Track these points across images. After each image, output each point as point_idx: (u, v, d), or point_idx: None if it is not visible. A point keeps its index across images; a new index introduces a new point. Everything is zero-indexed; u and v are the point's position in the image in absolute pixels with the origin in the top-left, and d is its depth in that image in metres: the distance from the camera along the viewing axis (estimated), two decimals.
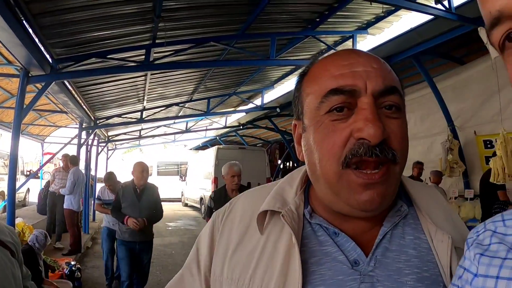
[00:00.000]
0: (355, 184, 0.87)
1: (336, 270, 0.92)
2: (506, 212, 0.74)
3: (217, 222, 1.12)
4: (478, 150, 9.35)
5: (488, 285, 0.65)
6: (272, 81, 13.70)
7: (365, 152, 0.85)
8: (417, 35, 7.76)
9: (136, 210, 6.05)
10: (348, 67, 0.91)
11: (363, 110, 0.87)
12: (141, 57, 7.88)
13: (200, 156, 21.43)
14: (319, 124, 0.92)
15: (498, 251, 0.68)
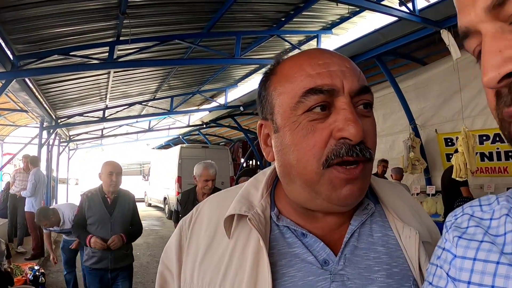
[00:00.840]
0: (338, 179, 0.88)
1: (306, 271, 0.93)
2: (483, 198, 0.77)
3: (184, 228, 1.11)
4: (439, 148, 9.59)
5: (465, 266, 0.68)
6: (236, 80, 13.68)
7: (347, 152, 0.86)
8: (381, 36, 7.90)
9: (106, 226, 4.65)
10: (324, 66, 0.91)
11: (342, 110, 0.87)
12: (104, 55, 7.74)
13: (163, 155, 21.23)
14: (296, 125, 0.91)
15: (475, 234, 0.71)
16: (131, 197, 5.06)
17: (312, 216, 0.99)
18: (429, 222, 1.13)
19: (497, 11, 0.53)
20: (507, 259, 0.63)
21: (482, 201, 0.77)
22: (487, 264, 0.65)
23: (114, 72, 10.01)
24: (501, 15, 0.53)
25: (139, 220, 5.21)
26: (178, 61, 10.03)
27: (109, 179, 4.70)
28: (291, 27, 8.91)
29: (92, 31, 7.31)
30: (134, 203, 5.09)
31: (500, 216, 0.71)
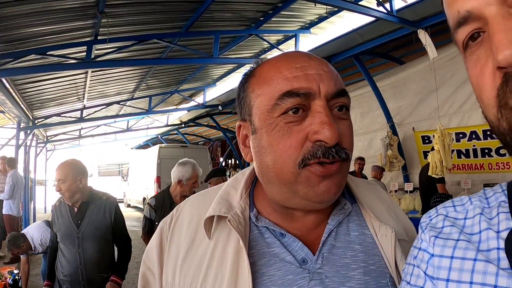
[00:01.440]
0: (315, 176, 0.90)
1: (285, 270, 0.95)
2: (456, 199, 0.80)
3: (165, 229, 1.12)
4: (417, 146, 9.72)
5: (443, 264, 0.71)
6: (214, 79, 13.65)
7: (323, 154, 0.88)
8: (359, 35, 7.98)
9: (74, 243, 3.66)
10: (301, 69, 0.93)
11: (318, 113, 0.89)
12: (82, 54, 7.66)
13: (142, 155, 21.06)
14: (272, 127, 0.92)
15: (451, 233, 0.73)
16: (109, 203, 3.83)
17: (291, 216, 1.02)
18: (405, 221, 1.17)
19: None
20: (484, 256, 0.65)
21: (455, 202, 0.80)
22: (464, 261, 0.67)
23: (91, 72, 9.91)
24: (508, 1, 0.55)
25: (126, 234, 4.05)
26: (156, 61, 9.95)
27: (57, 188, 3.65)
28: (270, 27, 8.92)
29: (70, 31, 7.22)
30: (114, 210, 3.84)
31: (474, 215, 0.73)
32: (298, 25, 9.11)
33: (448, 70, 7.99)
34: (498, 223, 0.68)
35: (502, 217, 0.68)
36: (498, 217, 0.68)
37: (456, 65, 7.74)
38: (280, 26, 9.04)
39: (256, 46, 10.30)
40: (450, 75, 8.04)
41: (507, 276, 0.61)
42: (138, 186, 19.57)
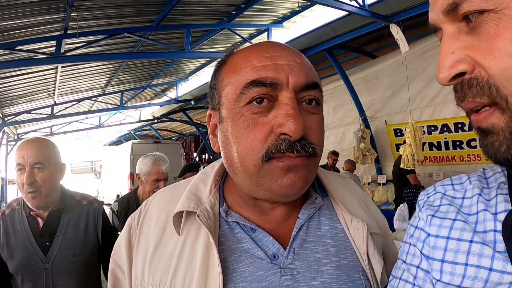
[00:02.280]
0: (278, 169, 0.88)
1: (256, 266, 0.93)
2: (455, 177, 0.81)
3: (133, 225, 1.09)
4: (389, 138, 9.83)
5: (439, 244, 0.72)
6: (187, 74, 13.56)
7: (287, 148, 0.86)
8: (331, 30, 8.01)
9: (37, 281, 2.15)
10: (271, 59, 0.91)
11: (284, 105, 0.87)
12: (51, 49, 7.51)
13: (114, 152, 20.81)
14: (238, 117, 0.91)
15: (448, 212, 0.74)
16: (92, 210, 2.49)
17: (261, 209, 1.00)
18: (378, 214, 1.17)
19: (452, 14, 0.59)
20: (480, 238, 0.66)
21: (454, 180, 0.80)
22: (460, 242, 0.68)
23: (62, 67, 9.76)
24: (457, 17, 0.58)
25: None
26: (127, 55, 9.84)
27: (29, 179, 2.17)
28: (242, 21, 8.89)
29: (39, 25, 7.08)
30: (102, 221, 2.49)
31: (472, 196, 0.73)
32: (271, 19, 9.10)
33: (420, 65, 8.10)
34: (496, 205, 0.68)
35: (500, 198, 0.68)
36: (496, 199, 0.69)
37: (428, 60, 7.84)
38: (253, 20, 9.02)
39: (229, 40, 10.25)
40: (422, 69, 8.14)
41: (503, 259, 0.61)
42: (112, 183, 19.32)
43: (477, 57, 0.57)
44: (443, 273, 0.69)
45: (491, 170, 0.76)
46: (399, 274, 0.80)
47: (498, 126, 0.58)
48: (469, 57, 0.58)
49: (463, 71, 0.58)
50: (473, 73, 0.58)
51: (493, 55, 0.55)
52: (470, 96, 0.59)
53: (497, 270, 0.62)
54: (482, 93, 0.57)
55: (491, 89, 0.56)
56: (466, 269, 0.65)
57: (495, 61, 0.55)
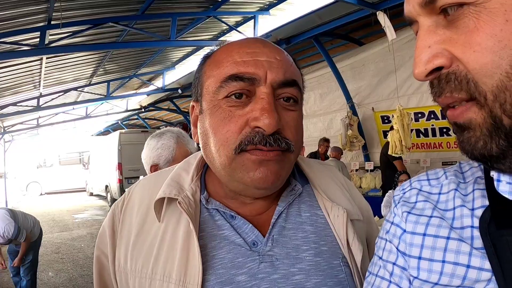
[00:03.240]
0: (250, 161, 0.90)
1: (235, 253, 0.96)
2: (431, 172, 0.80)
3: (117, 212, 1.11)
4: (376, 125, 9.90)
5: (415, 241, 0.70)
6: (173, 62, 13.46)
7: (259, 141, 0.89)
8: (318, 17, 7.98)
9: None
10: (252, 55, 0.93)
11: (260, 100, 0.90)
12: (35, 40, 7.41)
13: (102, 142, 20.73)
14: (216, 109, 0.93)
15: (424, 209, 0.73)
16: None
17: (241, 200, 1.03)
18: (361, 201, 1.20)
19: (430, 7, 0.57)
20: (457, 234, 0.65)
21: (430, 175, 0.79)
22: (437, 239, 0.67)
23: (47, 58, 9.62)
24: (434, 10, 0.57)
25: None
26: (113, 45, 9.70)
27: None
28: (228, 8, 8.80)
29: (22, 16, 6.95)
30: None
31: (448, 191, 0.73)
32: (257, 6, 9.02)
33: (407, 52, 8.14)
34: (473, 200, 0.67)
35: (477, 194, 0.67)
36: (473, 194, 0.68)
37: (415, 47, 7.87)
38: (239, 7, 8.94)
39: (215, 28, 10.16)
40: (409, 56, 8.18)
41: (481, 256, 0.61)
42: (100, 174, 19.29)
43: (456, 51, 0.55)
44: (420, 270, 0.68)
45: (467, 165, 0.75)
46: (375, 270, 0.79)
47: (475, 121, 0.57)
48: (447, 51, 0.56)
49: (441, 66, 0.57)
50: (450, 68, 0.57)
51: (472, 49, 0.53)
52: (448, 91, 0.58)
53: (474, 267, 0.61)
54: (460, 88, 0.56)
55: (469, 84, 0.55)
56: (443, 266, 0.65)
57: (475, 56, 0.53)
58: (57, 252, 9.67)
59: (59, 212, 16.51)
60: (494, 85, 0.53)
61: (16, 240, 5.55)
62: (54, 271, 8.13)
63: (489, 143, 0.56)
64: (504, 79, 0.52)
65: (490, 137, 0.55)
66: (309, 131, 10.76)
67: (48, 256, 9.14)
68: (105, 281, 1.11)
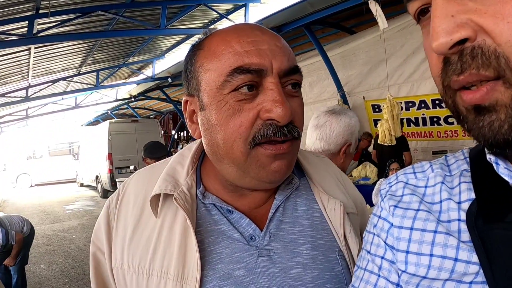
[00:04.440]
0: (265, 156, 0.89)
1: (233, 248, 0.95)
2: (417, 165, 0.79)
3: (112, 207, 1.08)
4: (367, 114, 9.92)
5: (403, 235, 0.70)
6: (163, 51, 13.43)
7: (274, 133, 0.87)
8: (309, 5, 7.96)
9: None
10: (253, 44, 0.89)
11: (271, 91, 0.87)
12: (23, 30, 7.33)
13: (92, 132, 20.63)
14: (222, 104, 0.89)
15: (411, 203, 0.72)
16: None
17: (240, 193, 1.01)
18: (355, 193, 1.21)
19: None
20: (444, 228, 0.65)
21: (416, 169, 0.78)
22: (424, 233, 0.67)
23: (35, 48, 9.58)
24: None
25: None
26: (102, 34, 9.64)
27: None
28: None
29: (9, 5, 6.88)
30: None
31: (435, 184, 0.72)
32: None
33: (398, 41, 8.16)
34: (460, 193, 0.67)
35: (463, 187, 0.67)
36: (460, 187, 0.67)
37: (406, 36, 7.90)
38: None
39: (205, 16, 10.13)
40: (400, 45, 8.21)
41: (468, 249, 0.61)
42: (90, 165, 19.21)
43: (484, 22, 0.50)
44: (408, 264, 0.68)
45: (453, 157, 0.75)
46: (364, 264, 0.79)
47: (501, 102, 0.51)
48: (473, 22, 0.51)
49: (466, 37, 0.51)
50: (476, 40, 0.51)
51: (506, 20, 0.48)
52: (474, 67, 0.51)
53: (462, 260, 0.61)
54: (488, 64, 0.50)
55: (499, 60, 0.49)
56: (431, 260, 0.65)
57: (509, 27, 0.48)
58: (48, 244, 9.63)
59: (50, 203, 16.43)
60: None
61: (7, 244, 5.50)
62: (46, 263, 8.09)
63: None
64: None
65: None
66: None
67: (40, 248, 9.09)
68: (102, 278, 1.09)
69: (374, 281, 0.75)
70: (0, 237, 5.30)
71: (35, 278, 7.09)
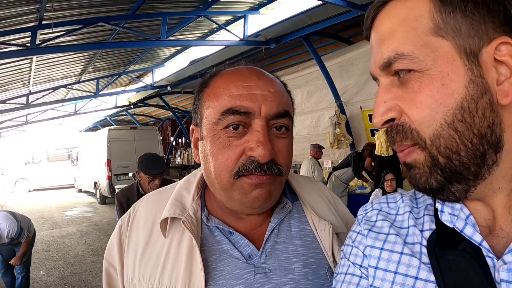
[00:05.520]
0: (247, 184, 1.01)
1: (233, 266, 1.06)
2: (390, 196, 0.94)
3: (123, 227, 1.20)
4: (364, 124, 9.99)
5: (374, 254, 0.83)
6: (163, 59, 13.49)
7: (255, 168, 0.99)
8: (307, 17, 8.09)
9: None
10: (247, 88, 1.02)
11: (256, 132, 0.99)
12: (26, 40, 7.41)
13: (91, 138, 20.57)
14: (216, 138, 1.03)
15: (382, 227, 0.86)
16: None
17: (237, 215, 1.13)
18: (347, 214, 1.31)
19: (387, 69, 0.72)
20: (409, 249, 0.78)
21: (389, 199, 0.92)
22: (392, 253, 0.80)
23: (37, 57, 9.65)
24: (390, 72, 0.72)
25: None
26: (103, 45, 9.73)
27: None
28: (218, 8, 8.88)
29: (13, 16, 6.98)
30: None
31: (404, 212, 0.86)
32: (247, 6, 9.09)
33: None
34: (423, 223, 0.81)
35: (426, 218, 0.81)
36: (424, 218, 0.81)
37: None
38: (229, 7, 9.01)
39: (205, 26, 10.21)
40: None
41: (427, 270, 0.73)
42: (89, 170, 19.14)
43: (404, 106, 0.70)
44: (376, 278, 0.80)
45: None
46: (344, 270, 0.90)
47: (419, 160, 0.71)
48: (398, 106, 0.71)
49: (393, 118, 0.72)
50: (400, 120, 0.71)
51: (415, 106, 0.68)
52: (398, 140, 0.72)
53: (422, 278, 0.74)
54: (406, 137, 0.71)
55: (412, 133, 0.70)
56: (395, 277, 0.77)
57: (417, 111, 0.68)
58: (47, 250, 9.64)
59: (48, 209, 16.38)
60: (431, 133, 0.68)
61: (17, 239, 5.62)
62: (45, 270, 8.11)
63: (429, 178, 0.71)
64: (438, 128, 0.67)
65: (430, 174, 0.70)
66: (296, 129, 10.32)
67: (39, 254, 9.09)
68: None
69: (357, 282, 0.86)
70: (14, 231, 5.43)
71: (35, 284, 7.10)
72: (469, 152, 0.67)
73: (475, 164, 0.67)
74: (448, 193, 0.71)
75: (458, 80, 0.65)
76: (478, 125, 0.65)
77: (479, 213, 0.73)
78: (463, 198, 0.72)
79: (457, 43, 0.66)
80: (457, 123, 0.66)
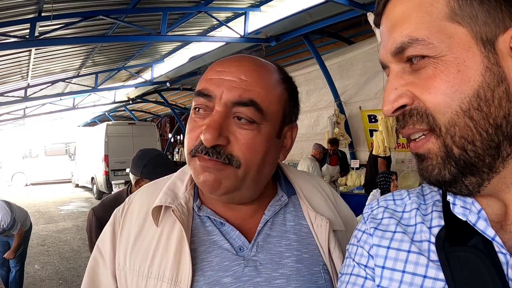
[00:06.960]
0: (197, 165, 1.01)
1: (223, 257, 1.06)
2: (396, 193, 0.91)
3: (118, 216, 1.19)
4: (363, 124, 9.99)
5: (380, 253, 0.81)
6: (162, 55, 13.44)
7: (201, 151, 0.99)
8: (308, 16, 8.07)
9: None
10: (219, 73, 1.03)
11: (211, 116, 0.99)
12: (25, 31, 7.36)
13: (89, 133, 20.54)
14: (190, 119, 1.06)
15: (389, 225, 0.83)
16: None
17: (228, 207, 1.13)
18: (347, 211, 1.29)
19: (399, 56, 0.70)
20: (417, 247, 0.76)
21: (395, 196, 0.90)
22: (399, 252, 0.78)
23: (35, 49, 9.61)
24: (402, 58, 0.69)
25: None
26: (103, 38, 9.67)
27: None
28: (219, 4, 8.83)
29: (12, 7, 6.92)
30: None
31: (411, 210, 0.83)
32: (248, 2, 9.04)
33: None
34: (431, 220, 0.78)
35: (435, 215, 0.78)
36: (432, 215, 0.79)
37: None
38: (230, 3, 8.96)
39: (205, 22, 10.16)
40: None
41: (436, 268, 0.71)
42: (86, 166, 19.13)
43: (416, 92, 0.68)
44: (383, 278, 0.78)
45: (428, 188, 0.86)
46: (349, 270, 0.87)
47: (432, 151, 0.69)
48: (410, 92, 0.69)
49: (404, 104, 0.69)
50: (413, 105, 0.69)
51: (428, 91, 0.66)
52: (411, 123, 0.70)
53: (430, 277, 0.71)
54: (421, 120, 0.68)
55: (428, 117, 0.67)
56: (403, 276, 0.74)
57: (430, 96, 0.66)
58: (43, 244, 9.63)
59: (45, 203, 16.37)
60: (446, 120, 0.65)
61: (9, 231, 5.57)
62: (40, 264, 8.12)
63: (443, 170, 0.68)
64: (454, 116, 0.65)
65: (444, 165, 0.68)
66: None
67: (34, 248, 9.07)
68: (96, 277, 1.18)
69: (361, 283, 0.83)
70: (7, 222, 5.39)
71: (29, 279, 7.08)
72: (484, 143, 0.64)
73: (489, 155, 0.65)
74: (462, 185, 0.69)
75: (475, 67, 0.63)
76: (494, 114, 0.63)
77: (491, 208, 0.71)
78: (476, 192, 0.69)
79: (473, 29, 0.64)
80: (473, 111, 0.63)
